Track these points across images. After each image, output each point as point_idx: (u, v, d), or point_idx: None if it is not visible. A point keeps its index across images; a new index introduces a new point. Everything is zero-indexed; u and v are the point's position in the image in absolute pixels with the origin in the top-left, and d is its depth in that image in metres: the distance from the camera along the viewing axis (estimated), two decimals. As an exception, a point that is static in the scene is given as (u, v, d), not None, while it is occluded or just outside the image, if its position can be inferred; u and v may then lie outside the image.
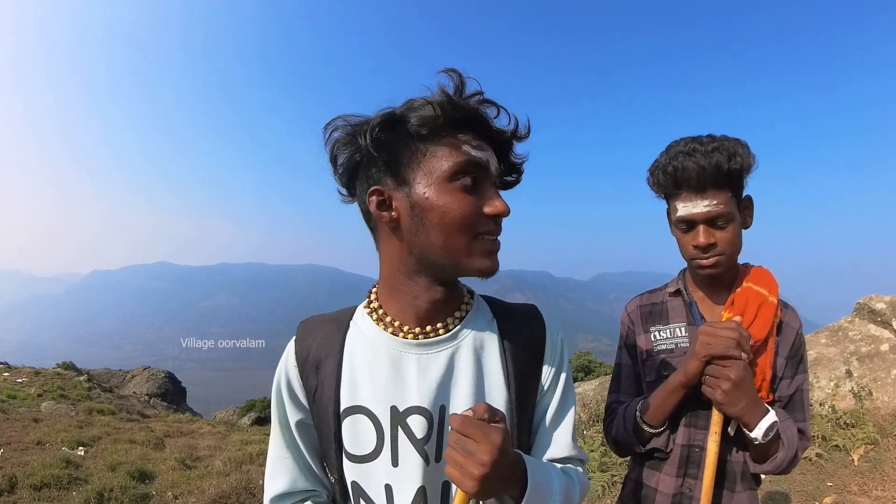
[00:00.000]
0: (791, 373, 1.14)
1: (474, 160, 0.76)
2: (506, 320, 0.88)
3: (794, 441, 1.07)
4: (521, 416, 0.84)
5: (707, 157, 1.03)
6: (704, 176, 1.03)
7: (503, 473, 0.69)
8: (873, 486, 3.59)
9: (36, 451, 5.41)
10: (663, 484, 1.17)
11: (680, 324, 1.19)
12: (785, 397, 1.14)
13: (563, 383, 0.89)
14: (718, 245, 1.07)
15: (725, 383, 1.00)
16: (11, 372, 14.28)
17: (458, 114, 0.75)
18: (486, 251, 0.78)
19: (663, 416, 1.11)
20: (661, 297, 1.25)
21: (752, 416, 1.01)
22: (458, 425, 0.69)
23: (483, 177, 0.77)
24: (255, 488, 4.36)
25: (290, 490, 0.86)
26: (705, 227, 1.07)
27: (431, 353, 0.81)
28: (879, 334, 4.96)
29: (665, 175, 1.09)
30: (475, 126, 0.77)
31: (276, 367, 0.88)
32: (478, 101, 0.76)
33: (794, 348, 1.13)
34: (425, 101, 0.74)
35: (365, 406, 0.81)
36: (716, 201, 1.04)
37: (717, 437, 1.05)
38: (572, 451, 0.88)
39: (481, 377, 0.82)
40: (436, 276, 0.80)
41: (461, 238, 0.76)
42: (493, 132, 0.78)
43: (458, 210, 0.74)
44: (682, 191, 1.08)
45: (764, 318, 1.08)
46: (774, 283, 1.13)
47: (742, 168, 1.05)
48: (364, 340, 0.84)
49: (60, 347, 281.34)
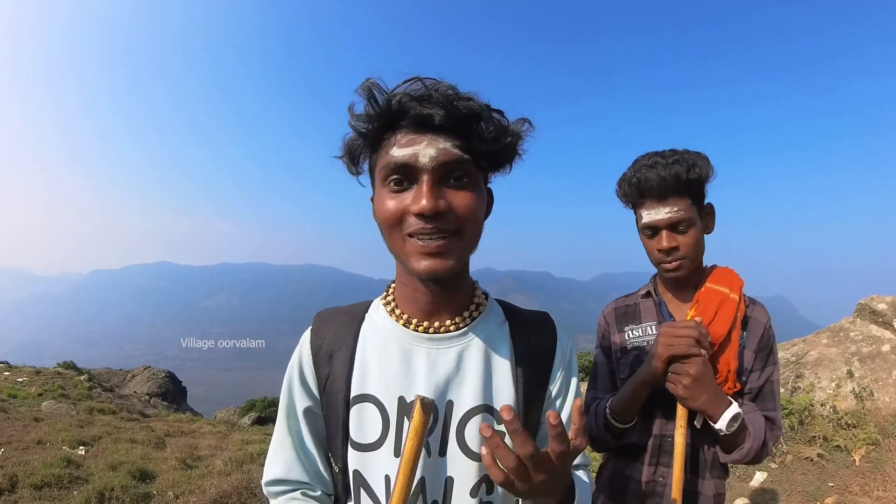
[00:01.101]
0: (760, 365, 1.21)
1: (392, 161, 0.73)
2: (517, 324, 0.89)
3: (762, 431, 1.14)
4: (527, 420, 0.85)
5: (667, 169, 1.14)
6: (665, 185, 1.14)
7: (552, 489, 0.70)
8: (874, 487, 3.58)
9: (36, 450, 5.41)
10: (637, 472, 1.25)
11: (651, 322, 1.29)
12: (755, 389, 1.21)
13: (573, 391, 0.90)
14: (681, 249, 1.17)
15: (686, 379, 1.07)
16: (12, 371, 14.30)
17: (371, 124, 0.74)
18: (418, 252, 0.74)
19: (631, 412, 1.18)
20: (634, 299, 1.36)
21: (714, 409, 1.08)
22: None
23: (413, 173, 0.73)
24: (256, 488, 4.36)
25: (283, 477, 0.88)
26: (668, 232, 1.17)
27: (442, 348, 0.82)
28: (881, 335, 4.95)
29: (630, 186, 1.20)
30: (407, 120, 0.73)
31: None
32: (403, 93, 0.72)
33: (762, 341, 1.21)
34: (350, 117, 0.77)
35: (373, 395, 0.82)
36: (676, 208, 1.15)
37: (683, 430, 1.12)
38: (579, 459, 0.88)
39: (490, 377, 0.83)
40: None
41: (393, 240, 0.76)
42: (427, 120, 0.72)
43: (383, 211, 0.75)
44: (645, 199, 1.19)
45: (725, 314, 1.16)
46: (737, 282, 1.21)
47: (700, 178, 1.16)
48: (377, 331, 0.86)
49: (61, 347, 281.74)
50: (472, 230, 0.77)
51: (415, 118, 0.72)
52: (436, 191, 0.72)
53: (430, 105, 0.71)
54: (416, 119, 0.72)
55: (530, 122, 0.79)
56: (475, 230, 0.78)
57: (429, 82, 0.73)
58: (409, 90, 0.72)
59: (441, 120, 0.71)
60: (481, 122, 0.73)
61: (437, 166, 0.72)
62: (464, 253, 0.77)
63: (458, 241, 0.75)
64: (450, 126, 0.72)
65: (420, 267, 0.74)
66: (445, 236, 0.73)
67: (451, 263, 0.74)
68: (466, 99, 0.73)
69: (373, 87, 0.73)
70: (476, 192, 0.76)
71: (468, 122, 0.72)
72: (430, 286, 0.81)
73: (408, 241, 0.75)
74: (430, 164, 0.71)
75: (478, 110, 0.73)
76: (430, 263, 0.73)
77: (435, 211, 0.71)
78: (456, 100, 0.71)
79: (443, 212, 0.72)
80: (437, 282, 0.79)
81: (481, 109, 0.73)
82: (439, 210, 0.71)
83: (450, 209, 0.73)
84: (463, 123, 0.72)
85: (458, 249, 0.75)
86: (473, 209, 0.75)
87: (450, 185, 0.74)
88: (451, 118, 0.71)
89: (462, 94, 0.73)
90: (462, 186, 0.74)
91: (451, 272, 0.75)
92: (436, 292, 0.82)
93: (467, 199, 0.74)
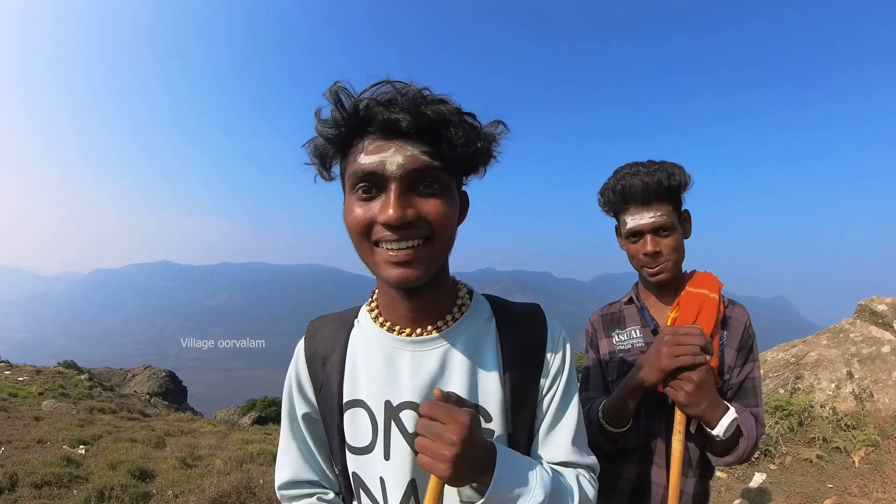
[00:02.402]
0: (741, 362, 1.25)
1: (360, 169, 0.71)
2: (505, 319, 0.88)
3: (754, 431, 1.16)
4: (517, 416, 0.83)
5: (650, 176, 1.20)
6: (648, 191, 1.20)
7: (474, 455, 0.70)
8: (874, 489, 3.58)
9: (37, 449, 5.42)
10: (626, 470, 1.28)
11: (635, 327, 1.34)
12: (735, 385, 1.24)
13: (564, 385, 0.87)
14: (664, 252, 1.22)
15: (689, 385, 1.08)
16: (13, 370, 14.31)
17: (338, 130, 0.72)
18: (387, 261, 0.72)
19: (624, 417, 1.19)
20: (618, 307, 1.41)
21: (713, 415, 1.09)
22: (424, 410, 0.71)
23: (381, 181, 0.71)
24: (256, 487, 4.36)
25: (294, 479, 0.90)
26: (652, 237, 1.22)
27: (425, 350, 0.82)
28: (881, 336, 4.95)
29: (614, 193, 1.25)
30: (374, 126, 0.71)
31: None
32: (370, 98, 0.70)
33: (742, 340, 1.25)
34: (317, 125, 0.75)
35: (363, 400, 0.84)
36: (660, 213, 1.20)
37: (681, 437, 1.12)
38: (572, 456, 0.85)
39: (475, 375, 0.82)
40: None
41: (362, 249, 0.75)
42: (393, 126, 0.69)
43: (350, 220, 0.74)
44: (629, 205, 1.24)
45: (706, 314, 1.19)
46: (715, 284, 1.25)
47: (679, 185, 1.22)
48: (364, 337, 0.87)
49: (62, 346, 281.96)
50: (444, 237, 0.75)
51: (381, 124, 0.70)
52: (404, 200, 0.70)
53: (397, 110, 0.68)
54: (383, 125, 0.70)
55: (505, 125, 0.77)
56: (447, 237, 0.76)
57: (398, 85, 0.70)
58: (376, 94, 0.70)
59: (408, 126, 0.68)
60: (451, 126, 0.70)
61: (405, 174, 0.70)
62: (435, 260, 0.75)
63: (428, 248, 0.73)
64: (418, 132, 0.70)
65: (389, 276, 0.73)
66: (414, 245, 0.72)
67: (420, 273, 0.73)
68: (436, 102, 0.70)
69: (340, 91, 0.71)
70: (447, 199, 0.74)
71: (437, 126, 0.70)
72: (404, 295, 0.80)
73: (376, 251, 0.73)
74: (397, 172, 0.69)
75: (447, 114, 0.70)
76: (399, 272, 0.72)
77: (402, 221, 0.69)
78: (423, 104, 0.69)
79: (411, 221, 0.70)
80: (409, 290, 0.78)
81: (450, 114, 0.70)
82: (407, 220, 0.70)
83: (419, 217, 0.71)
84: (431, 128, 0.70)
85: (428, 257, 0.74)
86: (444, 217, 0.73)
87: (419, 192, 0.72)
88: (419, 123, 0.69)
89: (431, 98, 0.71)
90: (432, 193, 0.72)
91: (422, 280, 0.73)
92: (413, 299, 0.80)
93: (437, 207, 0.72)
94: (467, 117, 0.74)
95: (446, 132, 0.71)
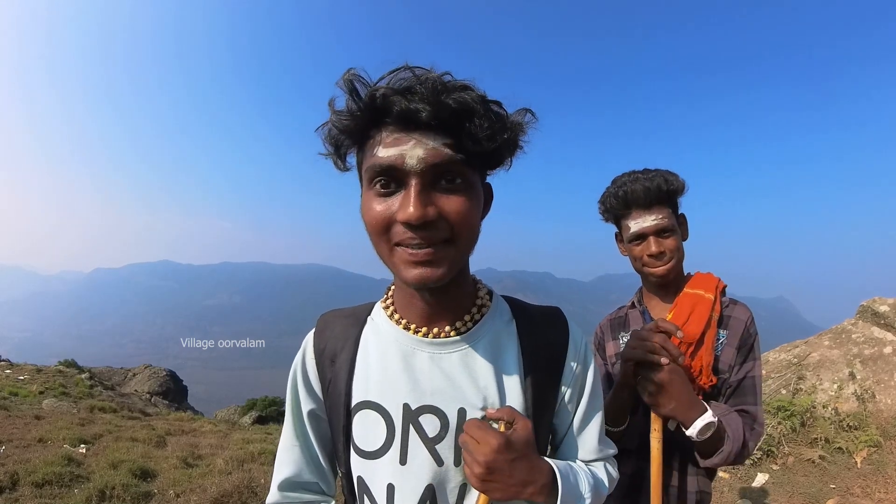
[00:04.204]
0: (741, 360, 1.26)
1: (377, 163, 0.66)
2: (526, 322, 0.85)
3: (740, 433, 1.16)
4: (540, 419, 0.82)
5: (650, 181, 1.26)
6: (650, 195, 1.26)
7: (514, 474, 0.70)
8: (876, 489, 3.58)
9: (38, 448, 5.42)
10: (624, 466, 1.28)
11: (637, 329, 1.36)
12: (734, 382, 1.26)
13: (590, 387, 0.87)
14: (666, 253, 1.28)
15: (651, 386, 1.11)
16: (13, 369, 14.33)
17: (354, 121, 0.68)
18: (407, 261, 0.68)
19: (619, 415, 1.23)
20: (623, 311, 1.47)
21: (685, 416, 1.11)
22: (465, 427, 0.73)
23: (400, 176, 0.66)
24: (257, 487, 4.36)
25: (294, 480, 0.87)
26: (655, 238, 1.28)
27: (445, 352, 0.79)
28: (883, 337, 4.94)
29: (616, 199, 1.31)
30: (392, 117, 0.65)
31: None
32: (387, 87, 0.65)
33: (742, 338, 1.27)
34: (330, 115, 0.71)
35: (376, 402, 0.79)
36: (661, 215, 1.27)
37: (658, 435, 1.16)
38: (600, 453, 0.88)
39: (496, 379, 0.79)
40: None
41: (381, 247, 0.71)
42: (412, 117, 0.64)
43: (369, 217, 0.70)
44: (631, 210, 1.29)
45: (699, 313, 1.24)
46: (712, 284, 1.30)
47: (676, 189, 1.29)
48: (378, 335, 0.84)
49: (62, 345, 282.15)
50: (466, 237, 0.71)
51: (399, 114, 0.64)
52: (424, 196, 0.65)
53: (416, 99, 0.63)
54: (401, 115, 0.64)
55: (532, 113, 0.71)
56: (469, 237, 0.71)
57: (418, 71, 0.65)
58: (393, 82, 0.65)
59: (428, 117, 0.63)
60: (474, 117, 0.65)
61: (426, 169, 0.65)
62: (458, 260, 0.71)
63: (450, 248, 0.69)
64: (438, 123, 0.64)
65: (409, 276, 0.68)
66: (435, 244, 0.67)
67: (442, 272, 0.68)
68: (458, 89, 0.65)
69: (354, 80, 0.66)
70: (470, 196, 0.69)
71: (459, 117, 0.65)
72: (424, 294, 0.77)
73: (395, 251, 0.69)
74: (417, 167, 0.65)
75: (470, 104, 0.64)
76: (419, 273, 0.68)
77: (422, 220, 0.64)
78: (444, 93, 0.63)
79: (432, 220, 0.66)
80: (430, 290, 0.75)
81: (474, 102, 0.65)
82: (428, 219, 0.65)
83: (441, 216, 0.66)
84: (453, 119, 0.64)
85: (451, 257, 0.69)
86: (467, 215, 0.68)
87: (441, 187, 0.67)
88: (440, 114, 0.63)
89: (453, 85, 0.65)
90: (454, 189, 0.68)
91: (443, 281, 0.69)
92: (432, 297, 0.78)
93: (460, 206, 0.67)
94: (493, 105, 0.69)
95: (469, 123, 0.65)
